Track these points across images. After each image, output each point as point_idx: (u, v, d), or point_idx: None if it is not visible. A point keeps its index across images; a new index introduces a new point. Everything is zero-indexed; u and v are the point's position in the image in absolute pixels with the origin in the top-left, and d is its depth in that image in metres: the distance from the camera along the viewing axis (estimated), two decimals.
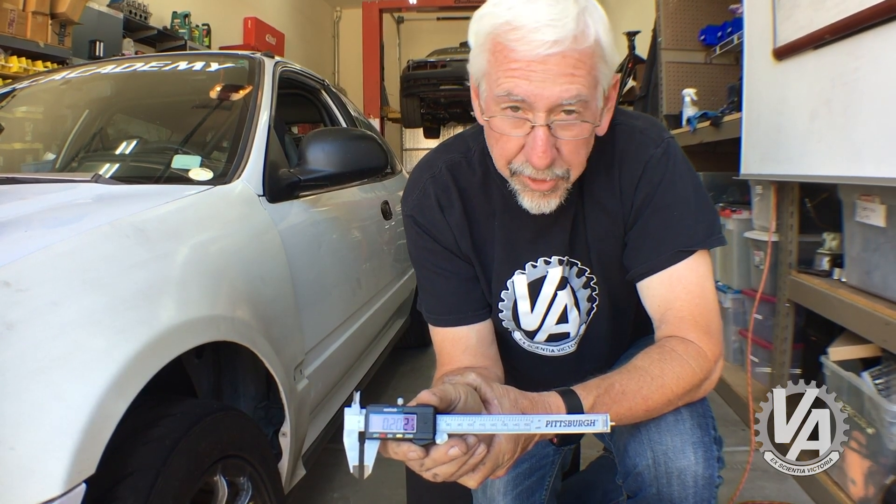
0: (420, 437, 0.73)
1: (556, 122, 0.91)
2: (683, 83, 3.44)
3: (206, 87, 2.13)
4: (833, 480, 1.80)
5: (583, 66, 0.88)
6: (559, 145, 0.93)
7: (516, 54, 0.88)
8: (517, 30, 0.87)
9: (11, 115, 2.24)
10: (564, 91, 0.88)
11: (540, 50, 0.86)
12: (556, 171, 0.96)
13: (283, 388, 1.41)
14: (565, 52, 0.87)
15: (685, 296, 1.03)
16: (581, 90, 0.89)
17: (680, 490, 0.97)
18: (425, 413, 0.73)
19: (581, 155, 0.97)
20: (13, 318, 0.86)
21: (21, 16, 4.09)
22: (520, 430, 0.75)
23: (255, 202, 1.59)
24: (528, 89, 0.88)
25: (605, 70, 0.93)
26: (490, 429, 0.74)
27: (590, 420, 0.75)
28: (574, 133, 0.93)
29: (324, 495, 2.04)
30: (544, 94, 0.88)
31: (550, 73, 0.87)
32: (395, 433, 0.73)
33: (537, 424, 0.74)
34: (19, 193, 1.42)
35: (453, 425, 0.74)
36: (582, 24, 0.87)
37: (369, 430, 0.73)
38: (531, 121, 0.91)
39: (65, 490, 0.80)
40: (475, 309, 1.16)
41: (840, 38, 1.54)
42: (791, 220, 2.15)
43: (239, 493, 1.23)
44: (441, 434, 0.73)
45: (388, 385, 3.05)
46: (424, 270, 1.18)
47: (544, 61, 0.87)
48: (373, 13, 9.73)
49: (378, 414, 0.73)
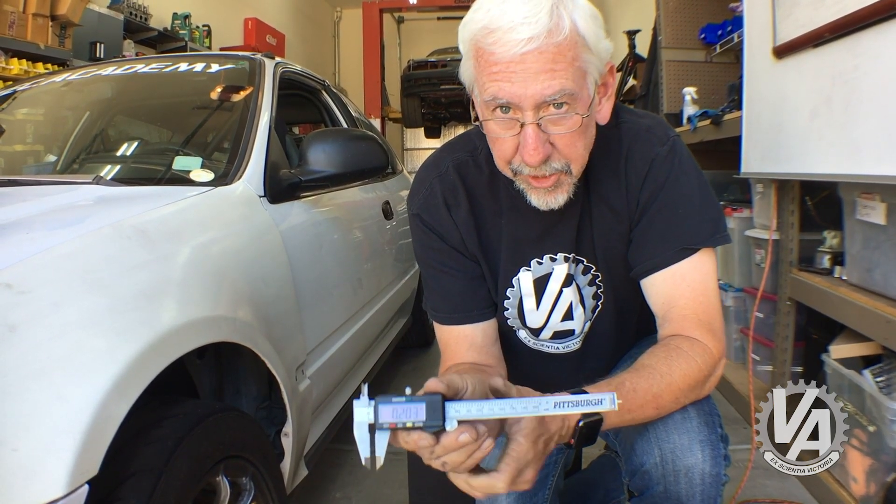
0: (430, 424, 0.73)
1: (546, 118, 0.92)
2: (684, 82, 3.44)
3: (207, 89, 2.13)
4: (835, 478, 1.80)
5: (562, 58, 0.88)
6: (553, 140, 0.94)
7: (495, 57, 0.89)
8: (493, 32, 0.88)
9: (12, 117, 2.24)
10: (546, 87, 0.88)
11: (515, 49, 0.87)
12: (555, 165, 0.96)
13: (285, 389, 1.42)
14: (541, 48, 0.86)
15: (689, 293, 1.03)
16: (564, 84, 0.89)
17: (687, 488, 0.98)
18: (434, 401, 0.73)
19: (578, 147, 0.97)
20: (15, 320, 0.86)
21: (21, 18, 4.10)
22: (528, 413, 0.75)
23: (256, 203, 1.60)
24: (511, 90, 0.89)
25: (590, 58, 0.92)
26: (499, 413, 0.74)
27: (597, 399, 0.75)
28: (566, 126, 0.93)
29: (326, 495, 2.05)
30: (527, 94, 0.89)
31: (530, 70, 0.88)
32: (404, 422, 0.73)
33: (545, 406, 0.74)
34: (21, 195, 1.42)
35: (462, 411, 0.74)
36: (556, 16, 0.87)
37: (379, 421, 0.73)
38: (520, 120, 0.92)
39: (67, 491, 0.80)
40: (480, 308, 1.17)
41: (840, 36, 1.54)
42: (792, 218, 2.15)
43: (241, 494, 1.23)
44: (451, 420, 0.73)
45: (391, 385, 3.05)
46: (430, 269, 1.18)
47: (522, 60, 0.87)
48: (373, 13, 9.72)
49: (387, 404, 0.74)
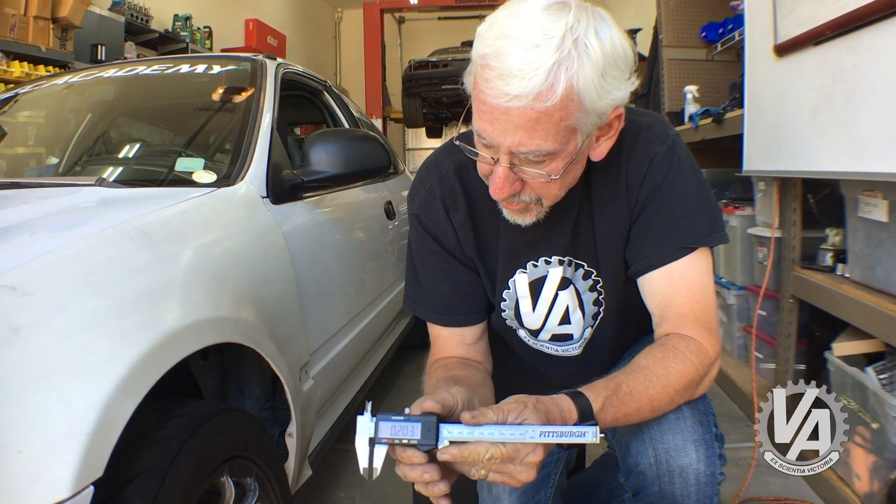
0: (424, 443, 0.81)
1: (520, 165, 0.92)
2: (685, 80, 3.44)
3: (209, 90, 2.14)
4: (838, 476, 1.80)
5: (547, 120, 0.85)
6: (525, 178, 0.94)
7: (485, 96, 0.87)
8: (490, 69, 0.85)
9: (14, 119, 2.25)
10: (521, 145, 0.88)
11: (500, 101, 0.85)
12: (524, 199, 0.98)
13: (289, 389, 1.42)
14: (525, 108, 0.84)
15: (686, 292, 1.03)
16: (541, 145, 0.88)
17: (682, 488, 0.98)
18: (429, 421, 0.81)
19: (552, 189, 0.97)
20: (19, 322, 0.87)
21: (22, 20, 4.11)
22: (515, 440, 0.80)
23: (258, 204, 1.60)
24: (492, 135, 0.89)
25: (585, 118, 0.88)
26: (488, 437, 0.80)
27: (580, 431, 0.81)
28: (539, 174, 0.93)
29: (330, 495, 2.05)
30: (504, 143, 0.89)
31: (511, 123, 0.87)
32: (401, 439, 0.81)
33: (531, 434, 0.80)
34: (23, 198, 1.43)
35: (454, 433, 0.81)
36: (551, 79, 0.82)
37: (378, 436, 0.81)
38: (495, 157, 0.92)
39: (73, 493, 0.80)
40: (466, 313, 1.19)
41: (840, 34, 1.54)
42: (794, 216, 2.15)
43: (246, 494, 1.23)
44: (443, 441, 0.81)
45: (393, 385, 3.05)
46: (423, 268, 1.20)
47: (506, 112, 0.86)
48: (374, 13, 9.72)
49: (387, 421, 0.82)
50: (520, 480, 0.82)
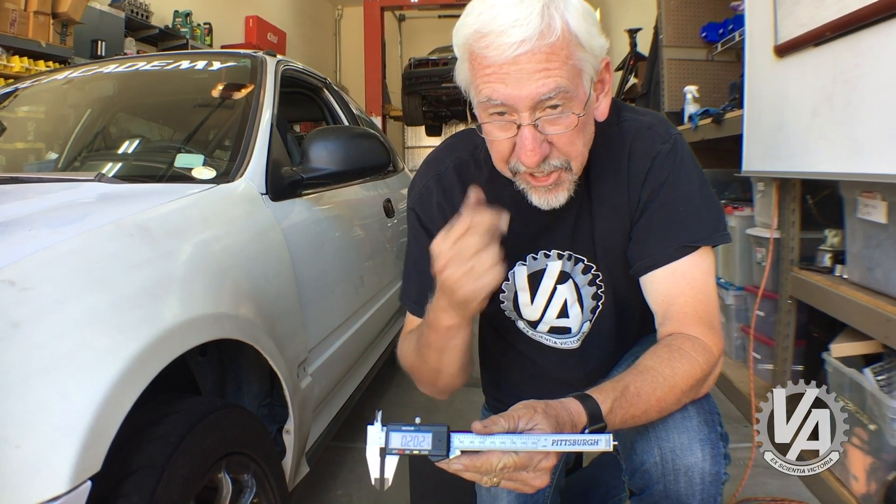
0: (435, 453, 0.80)
1: (543, 119, 0.93)
2: (685, 80, 3.45)
3: (209, 86, 2.13)
4: (835, 477, 1.80)
5: (556, 58, 0.89)
6: (551, 139, 0.95)
7: (488, 60, 0.90)
8: (486, 36, 0.89)
9: (14, 114, 2.25)
10: (541, 86, 0.89)
11: (508, 52, 0.88)
12: (554, 163, 0.98)
13: (287, 386, 1.42)
14: (533, 50, 0.88)
15: (689, 291, 1.03)
16: (559, 82, 0.90)
17: (687, 487, 0.98)
18: (440, 432, 0.80)
19: (577, 145, 0.98)
20: (18, 317, 0.87)
21: (23, 16, 4.10)
22: (527, 449, 0.79)
23: (257, 200, 1.60)
24: (506, 92, 0.90)
25: (584, 56, 0.93)
26: (500, 446, 0.79)
27: (594, 440, 0.80)
28: (563, 125, 0.94)
29: (328, 492, 2.05)
30: (522, 94, 0.90)
31: (524, 71, 0.89)
32: (412, 449, 0.81)
33: (544, 443, 0.78)
34: (22, 193, 1.43)
35: (465, 443, 0.80)
36: (547, 17, 0.88)
37: (389, 446, 0.81)
38: (516, 121, 0.93)
39: (70, 487, 0.80)
40: None
41: (841, 35, 1.54)
42: (793, 216, 2.15)
43: (243, 490, 1.23)
44: (454, 451, 0.80)
45: (392, 383, 3.05)
46: (417, 264, 1.20)
47: (515, 62, 0.88)
48: (374, 11, 9.71)
49: (397, 431, 0.81)
50: (533, 486, 0.82)
